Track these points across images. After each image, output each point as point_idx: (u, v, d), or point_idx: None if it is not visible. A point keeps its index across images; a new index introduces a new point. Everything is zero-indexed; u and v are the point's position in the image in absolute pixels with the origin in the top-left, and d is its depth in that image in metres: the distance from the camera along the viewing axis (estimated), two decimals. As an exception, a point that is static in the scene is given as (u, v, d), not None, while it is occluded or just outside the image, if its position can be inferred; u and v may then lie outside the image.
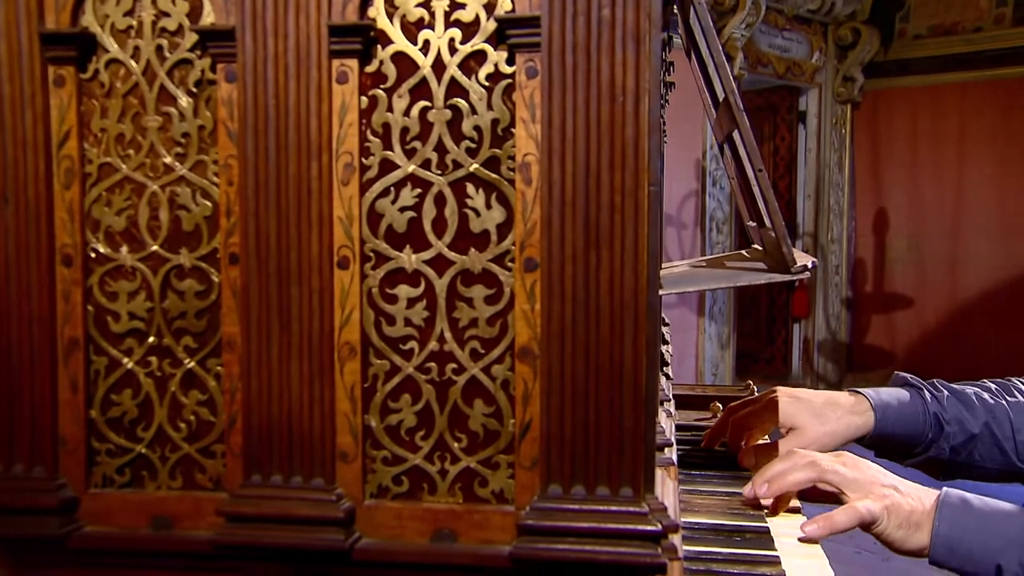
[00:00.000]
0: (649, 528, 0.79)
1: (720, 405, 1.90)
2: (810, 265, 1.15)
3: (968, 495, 1.10)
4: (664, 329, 1.84)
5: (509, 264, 0.82)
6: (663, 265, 1.51)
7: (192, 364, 0.88)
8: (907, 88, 6.06)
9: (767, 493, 1.24)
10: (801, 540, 1.19)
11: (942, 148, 5.93)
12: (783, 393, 1.42)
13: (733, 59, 5.33)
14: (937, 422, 1.35)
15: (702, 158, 5.49)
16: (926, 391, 1.39)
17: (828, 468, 1.18)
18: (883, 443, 1.38)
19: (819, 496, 1.22)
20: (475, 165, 0.82)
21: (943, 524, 1.07)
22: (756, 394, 1.70)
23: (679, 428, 1.73)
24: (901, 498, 1.12)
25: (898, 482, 1.16)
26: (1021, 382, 1.41)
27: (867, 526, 1.13)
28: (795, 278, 1.11)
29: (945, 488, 1.12)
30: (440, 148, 0.83)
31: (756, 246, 1.57)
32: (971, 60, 5.74)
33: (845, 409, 1.38)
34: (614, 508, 0.80)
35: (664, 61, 1.40)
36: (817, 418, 1.36)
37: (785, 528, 1.26)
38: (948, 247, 5.92)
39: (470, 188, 0.83)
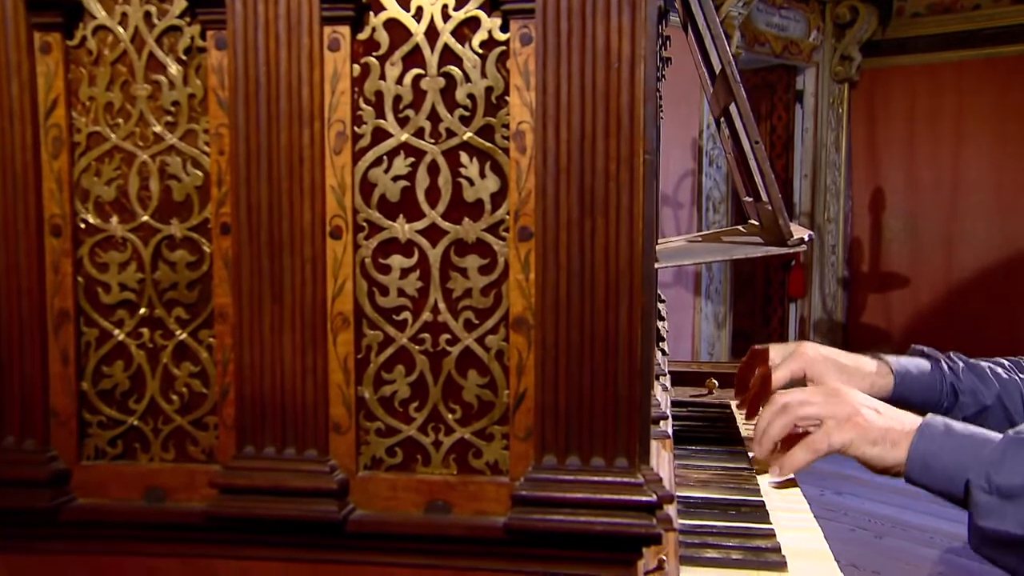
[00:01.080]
0: (644, 499, 0.79)
1: (716, 381, 1.90)
2: (806, 238, 1.14)
3: (953, 422, 1.12)
4: (660, 306, 1.84)
5: (503, 233, 0.81)
6: (659, 241, 1.50)
7: (184, 335, 0.87)
8: (905, 67, 6.03)
9: (761, 452, 1.28)
10: (774, 487, 1.27)
11: (939, 127, 5.91)
12: (811, 347, 1.45)
13: (730, 38, 5.30)
14: (953, 392, 1.39)
15: (699, 137, 5.47)
16: (943, 362, 1.44)
17: (797, 404, 1.22)
18: (900, 408, 1.42)
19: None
20: (469, 134, 0.81)
21: (922, 441, 1.10)
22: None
23: (675, 404, 1.73)
24: (876, 417, 1.16)
25: (878, 405, 1.19)
26: None
27: (841, 451, 1.17)
28: (792, 251, 1.11)
29: (931, 414, 1.15)
30: (433, 116, 0.82)
31: (752, 221, 1.56)
32: (969, 38, 5.71)
33: (868, 371, 1.42)
34: (609, 479, 0.80)
35: (660, 34, 1.38)
36: (843, 376, 1.41)
37: (780, 503, 1.27)
38: (944, 226, 5.91)
39: (464, 157, 0.82)
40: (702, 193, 5.49)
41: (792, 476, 1.28)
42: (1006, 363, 1.45)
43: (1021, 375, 1.42)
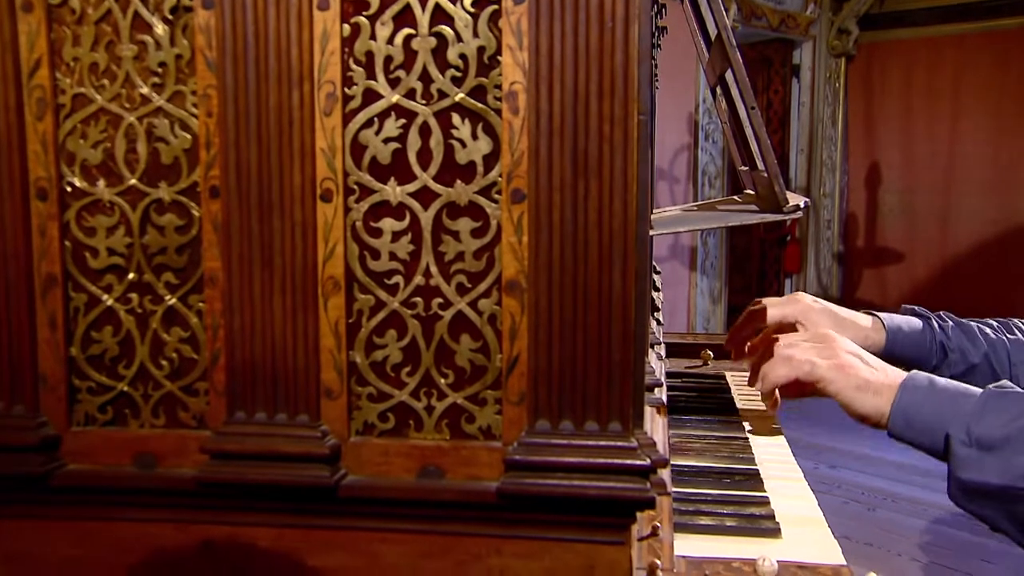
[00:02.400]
0: (638, 463, 0.78)
1: (711, 353, 1.90)
2: (802, 205, 1.13)
3: (936, 378, 1.13)
4: (655, 278, 1.83)
5: (496, 196, 0.80)
6: (655, 211, 1.49)
7: (173, 300, 0.86)
8: (902, 40, 6.00)
9: (763, 389, 1.27)
10: (751, 431, 1.33)
11: (936, 101, 5.88)
12: (807, 297, 1.47)
13: (727, 11, 5.25)
14: (942, 349, 1.42)
15: (694, 112, 5.45)
16: (934, 320, 1.46)
17: (785, 349, 1.22)
18: (891, 364, 1.45)
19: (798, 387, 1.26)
20: (460, 94, 0.80)
21: (905, 396, 1.11)
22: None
23: (670, 375, 1.73)
24: (862, 365, 1.17)
25: (864, 354, 1.20)
26: (1022, 322, 1.46)
27: (820, 387, 1.18)
28: (787, 217, 1.10)
29: (915, 370, 1.15)
30: (425, 77, 0.81)
31: (748, 191, 1.55)
32: (967, 11, 5.67)
33: (863, 324, 1.44)
34: (603, 443, 0.79)
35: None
36: (838, 325, 1.41)
37: (775, 471, 1.27)
38: (940, 201, 5.91)
39: (456, 118, 0.80)
40: (698, 168, 5.47)
41: (777, 426, 1.29)
42: (994, 323, 1.48)
43: (1009, 335, 1.44)
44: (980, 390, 1.09)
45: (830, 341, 1.21)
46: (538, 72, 0.77)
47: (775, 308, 1.46)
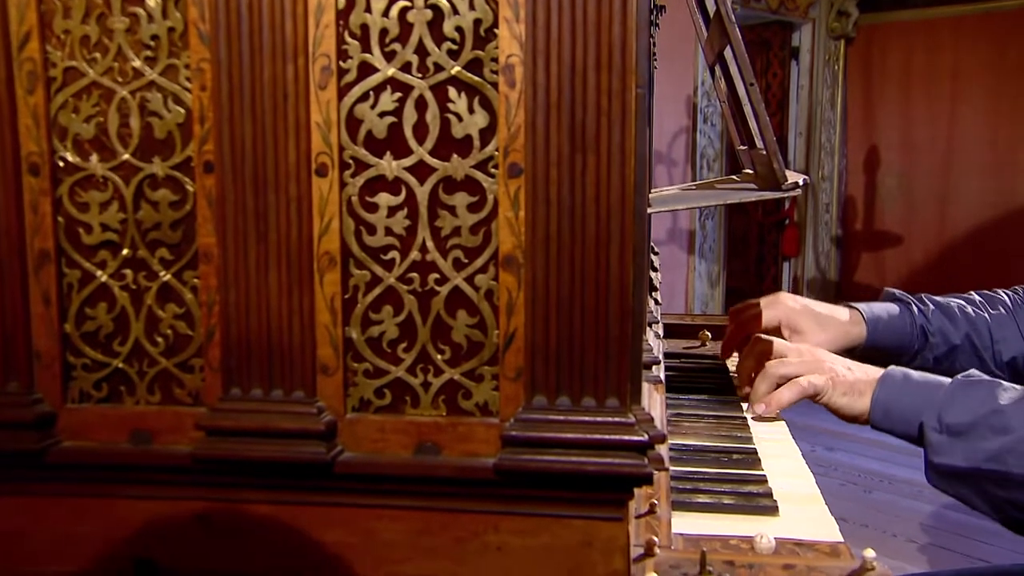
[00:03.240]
0: (635, 438, 0.78)
1: (709, 334, 1.90)
2: (801, 182, 1.13)
3: (912, 371, 1.22)
4: (653, 258, 1.83)
5: (492, 170, 0.80)
6: (653, 190, 1.48)
7: (168, 277, 0.85)
8: (902, 22, 5.96)
9: (767, 411, 1.35)
10: (755, 419, 1.35)
11: (935, 84, 5.86)
12: (788, 298, 1.53)
13: (726, -8, 5.21)
14: (923, 334, 1.46)
15: (693, 95, 5.42)
16: (914, 305, 1.51)
17: (778, 364, 1.31)
18: (874, 354, 1.52)
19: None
20: (457, 68, 0.79)
21: (883, 390, 1.21)
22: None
23: (668, 355, 1.73)
24: (847, 372, 1.26)
25: (848, 363, 1.30)
26: (1006, 293, 1.48)
27: (815, 398, 1.27)
28: (787, 194, 1.09)
29: (892, 366, 1.24)
30: (420, 50, 0.80)
31: (747, 170, 1.54)
32: (967, -8, 5.65)
33: (842, 320, 1.49)
34: (600, 419, 0.79)
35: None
36: (819, 325, 1.48)
37: (773, 450, 1.27)
38: (939, 184, 5.89)
39: (452, 92, 0.80)
40: (696, 151, 5.45)
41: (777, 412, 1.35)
42: (977, 299, 1.51)
43: (991, 311, 1.46)
44: (950, 380, 1.17)
45: (816, 357, 1.30)
46: (535, 45, 0.76)
47: (759, 313, 1.50)
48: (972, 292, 1.53)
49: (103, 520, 0.87)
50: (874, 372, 1.25)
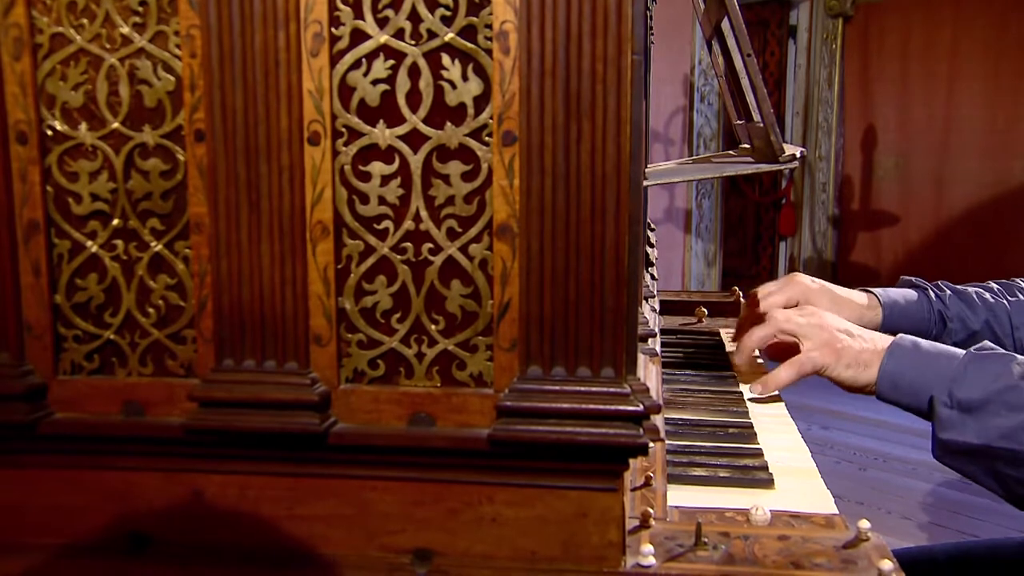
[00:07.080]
0: (631, 408, 0.78)
1: (705, 310, 1.89)
2: (798, 154, 1.12)
3: (921, 340, 1.17)
4: (650, 234, 1.82)
5: (487, 138, 0.79)
6: (649, 166, 1.47)
7: (159, 247, 0.84)
8: (900, 1, 5.93)
9: (741, 360, 1.37)
10: (751, 400, 1.34)
11: (933, 63, 5.83)
12: (805, 277, 1.49)
13: (724, -30, 5.18)
14: (941, 319, 1.43)
15: (690, 74, 5.40)
16: (931, 291, 1.47)
17: (782, 319, 1.28)
18: None
19: (784, 353, 1.31)
20: (450, 34, 0.78)
21: (891, 361, 1.16)
22: (742, 300, 1.73)
23: (664, 331, 1.73)
24: (852, 341, 1.21)
25: (851, 327, 1.25)
26: None
27: (817, 373, 1.23)
28: (783, 167, 1.08)
29: (901, 334, 1.19)
30: (414, 17, 0.78)
31: (744, 145, 1.53)
32: (966, -30, 5.60)
33: (859, 303, 1.46)
34: (595, 389, 0.78)
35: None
36: (835, 305, 1.44)
37: (769, 424, 1.26)
38: (936, 164, 5.87)
39: (445, 59, 0.79)
40: (693, 130, 5.44)
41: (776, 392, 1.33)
42: (995, 287, 1.48)
43: (1010, 298, 1.43)
44: (963, 352, 1.12)
45: (819, 318, 1.26)
46: (529, 11, 0.75)
47: (776, 295, 1.47)
48: (990, 281, 1.51)
49: (96, 492, 0.86)
50: (882, 341, 1.20)
